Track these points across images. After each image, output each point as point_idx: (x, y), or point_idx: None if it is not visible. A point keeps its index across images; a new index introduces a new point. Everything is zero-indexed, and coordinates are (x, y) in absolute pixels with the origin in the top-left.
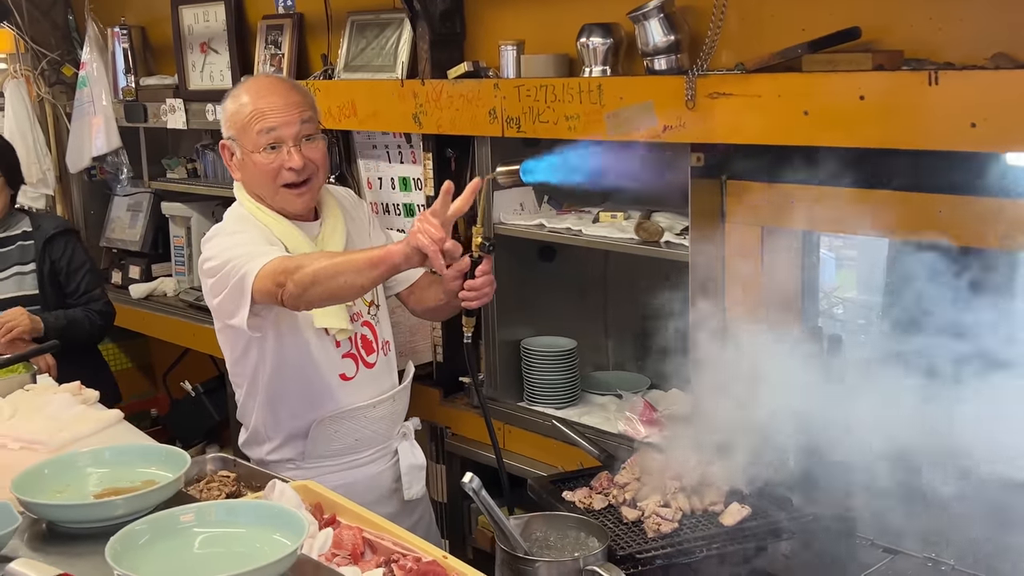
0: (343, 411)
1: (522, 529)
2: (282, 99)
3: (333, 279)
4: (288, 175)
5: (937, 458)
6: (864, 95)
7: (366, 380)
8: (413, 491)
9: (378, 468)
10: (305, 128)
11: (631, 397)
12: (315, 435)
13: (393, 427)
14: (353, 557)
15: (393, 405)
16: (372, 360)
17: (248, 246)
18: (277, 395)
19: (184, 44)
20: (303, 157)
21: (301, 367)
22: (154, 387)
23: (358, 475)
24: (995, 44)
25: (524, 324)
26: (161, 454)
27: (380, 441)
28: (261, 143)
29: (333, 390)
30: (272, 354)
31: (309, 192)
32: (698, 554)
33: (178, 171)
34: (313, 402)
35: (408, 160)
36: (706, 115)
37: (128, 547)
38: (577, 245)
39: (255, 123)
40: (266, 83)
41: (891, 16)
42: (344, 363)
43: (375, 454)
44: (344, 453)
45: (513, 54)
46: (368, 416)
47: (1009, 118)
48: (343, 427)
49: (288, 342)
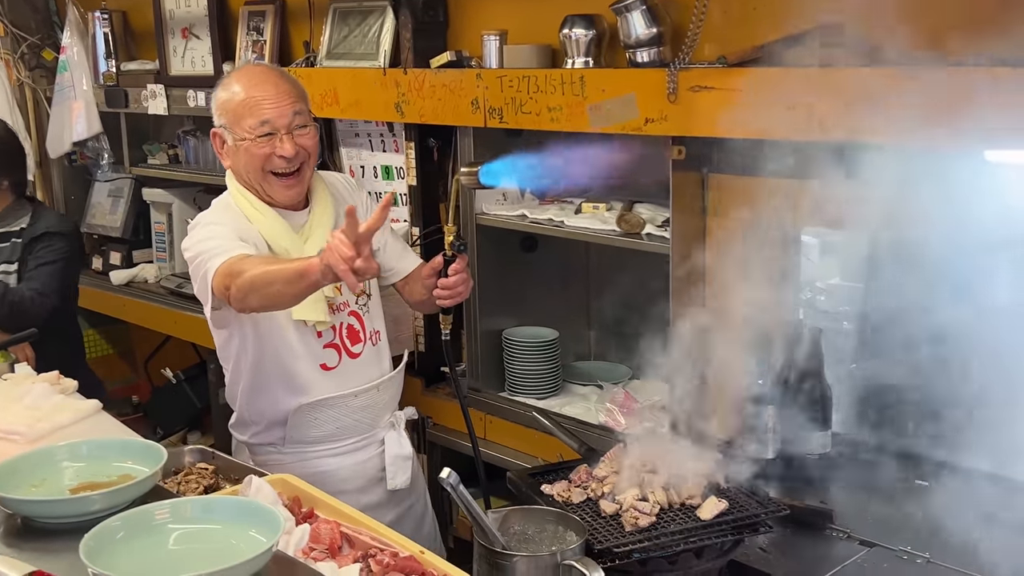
0: (323, 399)
1: (500, 523)
2: (274, 88)
3: (267, 287)
4: (279, 162)
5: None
6: (845, 90)
7: (352, 370)
8: (398, 481)
9: (364, 456)
10: (297, 118)
11: (612, 388)
12: (295, 422)
13: (379, 416)
14: (331, 551)
15: (378, 395)
16: (358, 350)
17: (217, 240)
18: (258, 382)
19: (165, 29)
20: (295, 145)
21: (281, 356)
22: (135, 374)
23: (342, 462)
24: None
25: (506, 314)
26: (138, 448)
27: (365, 430)
28: (254, 131)
29: (314, 380)
30: (253, 342)
31: (299, 184)
32: (675, 548)
33: (159, 157)
34: (294, 390)
35: (391, 149)
36: (688, 108)
37: (103, 544)
38: (559, 236)
39: (247, 111)
40: (259, 72)
41: (872, 11)
42: (326, 353)
43: (360, 442)
44: (325, 440)
45: (496, 44)
46: (349, 405)
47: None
48: (323, 415)
49: (268, 331)
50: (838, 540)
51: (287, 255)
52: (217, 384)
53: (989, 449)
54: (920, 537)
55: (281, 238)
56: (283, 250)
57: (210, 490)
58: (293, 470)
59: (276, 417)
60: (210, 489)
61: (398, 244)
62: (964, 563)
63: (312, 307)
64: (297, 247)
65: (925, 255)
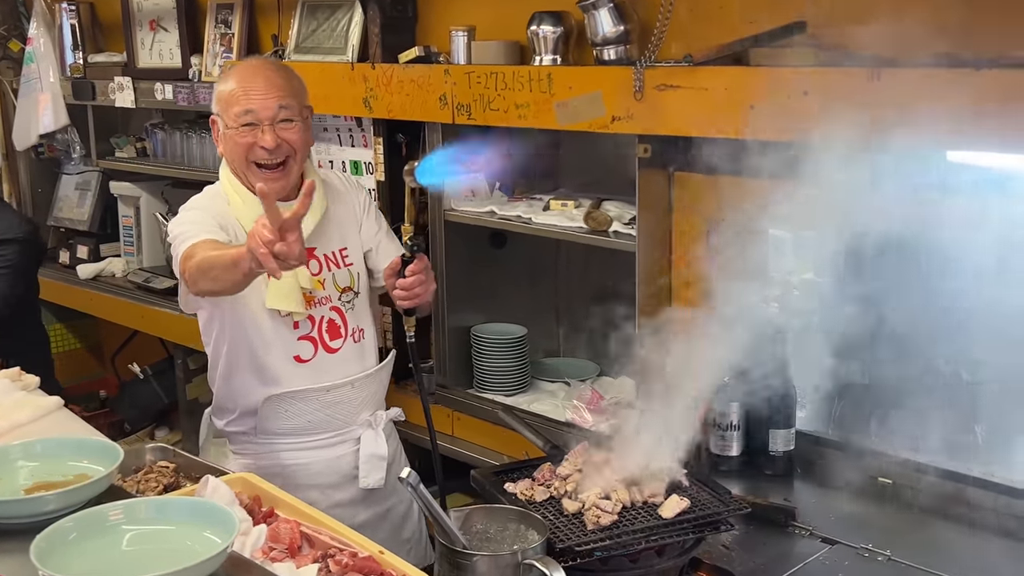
0: (293, 391)
1: (462, 522)
2: (264, 82)
3: (210, 271)
4: (261, 153)
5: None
6: (808, 90)
7: (328, 365)
8: (370, 480)
9: (338, 452)
10: (283, 112)
11: (579, 385)
12: (264, 412)
13: (356, 413)
14: (290, 551)
15: (352, 391)
16: (337, 346)
17: (191, 224)
18: (232, 369)
19: (133, 21)
20: (276, 138)
21: (253, 344)
22: (103, 368)
23: (315, 456)
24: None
25: (475, 311)
26: (95, 447)
27: (339, 426)
28: (238, 120)
29: (286, 371)
30: (229, 328)
31: (283, 177)
32: (636, 546)
33: (127, 150)
34: (265, 380)
35: (359, 144)
36: (654, 107)
37: (54, 545)
38: (527, 233)
39: (235, 101)
40: (254, 65)
41: (837, 11)
42: (300, 345)
43: (335, 438)
44: (296, 433)
45: (464, 40)
46: (321, 399)
47: (949, 116)
48: (293, 407)
49: (242, 318)
50: (800, 537)
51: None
52: (185, 379)
53: (951, 447)
54: (881, 535)
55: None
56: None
57: (170, 489)
58: (265, 461)
59: (248, 406)
60: (170, 488)
61: (392, 246)
62: (924, 561)
63: (285, 296)
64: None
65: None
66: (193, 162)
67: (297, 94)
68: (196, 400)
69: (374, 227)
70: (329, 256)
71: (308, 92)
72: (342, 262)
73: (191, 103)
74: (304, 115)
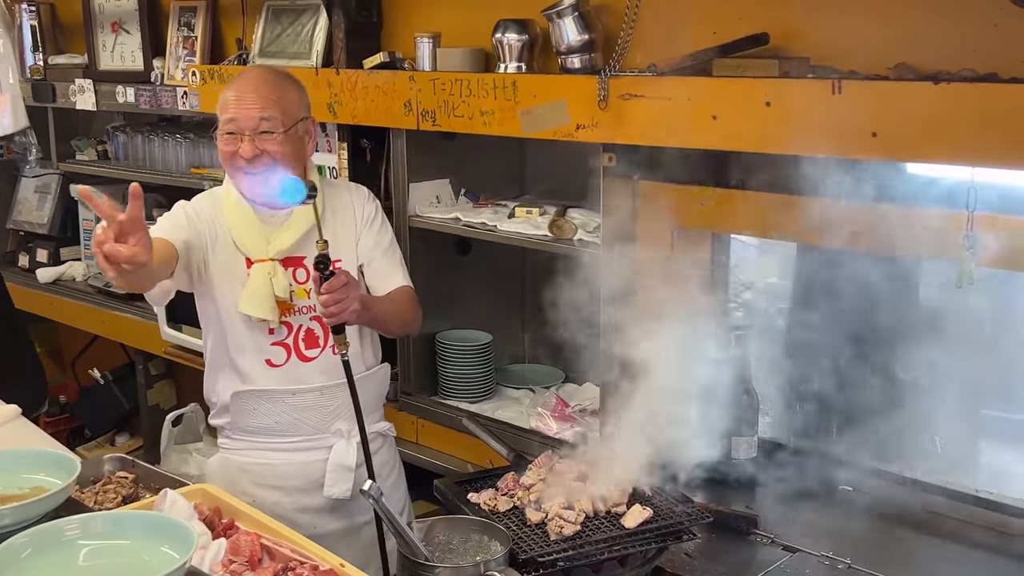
0: (258, 390)
1: (425, 532)
2: (252, 91)
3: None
4: (240, 162)
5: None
6: (770, 101)
7: (302, 373)
8: (335, 490)
9: (309, 458)
10: (264, 123)
11: (544, 392)
12: (234, 407)
13: (328, 421)
14: (250, 564)
15: (321, 398)
16: (312, 355)
17: (161, 222)
18: (214, 364)
19: (95, 23)
20: (254, 148)
21: (228, 343)
22: (62, 373)
23: (285, 458)
24: (899, 55)
25: (439, 317)
26: (51, 459)
27: (309, 431)
28: (223, 128)
29: (257, 373)
30: (213, 325)
31: (265, 184)
32: (599, 556)
33: (88, 153)
34: (242, 379)
35: (323, 149)
36: (618, 116)
37: (8, 562)
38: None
39: (225, 108)
40: (250, 74)
41: (799, 23)
42: (273, 350)
43: (305, 443)
44: (267, 432)
45: (429, 46)
46: (288, 402)
47: (908, 129)
48: (261, 407)
49: (224, 315)
50: (762, 545)
51: (245, 251)
52: (146, 385)
53: (911, 455)
54: (842, 543)
55: (244, 233)
56: (243, 245)
57: (129, 500)
58: (239, 456)
59: (225, 401)
60: (129, 499)
61: (387, 264)
62: (884, 569)
63: (257, 304)
64: (258, 244)
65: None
66: (155, 165)
67: (285, 105)
68: (157, 406)
69: (372, 242)
70: None
71: (305, 103)
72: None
73: (153, 106)
74: (291, 125)
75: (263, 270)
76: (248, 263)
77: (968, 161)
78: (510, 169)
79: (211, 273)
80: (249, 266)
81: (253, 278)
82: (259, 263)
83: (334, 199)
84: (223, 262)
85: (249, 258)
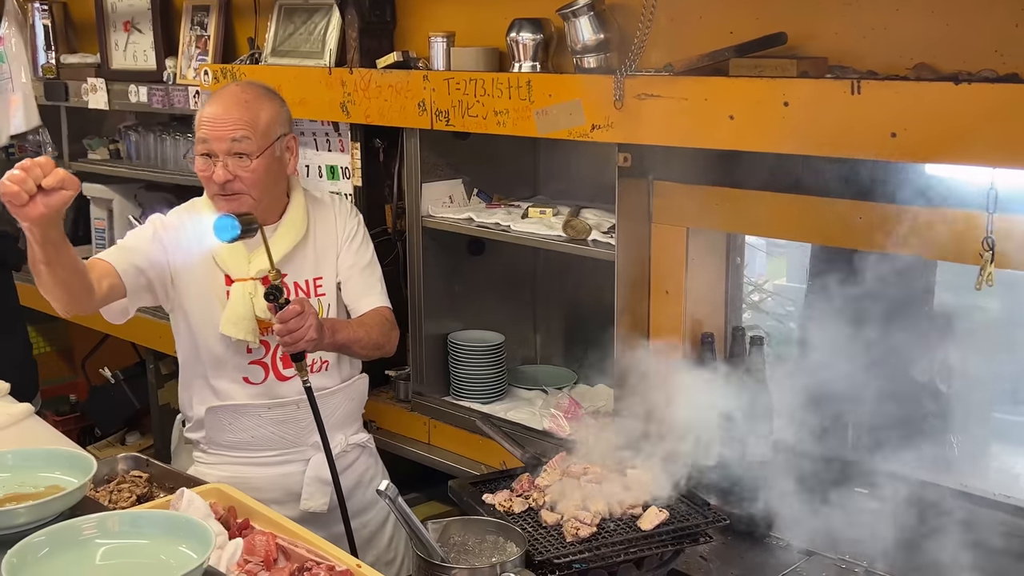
0: (233, 404)
1: (440, 533)
2: (224, 112)
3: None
4: (213, 186)
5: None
6: (788, 101)
7: (280, 390)
8: (312, 504)
9: (285, 471)
10: (236, 146)
11: (557, 393)
12: (209, 421)
13: (307, 434)
14: (266, 564)
15: (297, 411)
16: (290, 374)
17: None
18: (189, 378)
19: (107, 22)
20: (227, 173)
21: (203, 359)
22: (73, 372)
23: (262, 472)
24: (918, 54)
25: (452, 318)
26: (66, 458)
27: (286, 445)
28: (197, 149)
29: (234, 390)
30: (185, 340)
31: (239, 207)
32: (615, 559)
33: (100, 152)
34: (217, 396)
35: (336, 148)
36: (634, 116)
37: (26, 561)
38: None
39: (200, 127)
40: (228, 94)
41: (817, 23)
42: (251, 369)
43: (282, 456)
44: (243, 447)
45: (443, 46)
46: (263, 416)
47: (928, 130)
48: (237, 421)
49: (198, 335)
50: (778, 548)
51: (226, 268)
52: (156, 384)
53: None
54: (859, 546)
55: (225, 250)
56: (224, 262)
57: (143, 499)
58: (214, 471)
59: (200, 415)
60: (143, 498)
61: (363, 283)
62: (902, 572)
63: (236, 324)
64: (239, 263)
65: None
66: (167, 165)
67: (262, 127)
68: (168, 405)
69: (350, 259)
70: (300, 285)
71: (285, 120)
72: (313, 292)
73: (165, 105)
74: (266, 147)
75: (244, 289)
76: (228, 280)
77: (989, 162)
78: (523, 169)
79: (184, 289)
80: (229, 283)
81: (234, 298)
82: (239, 282)
83: (318, 215)
84: (200, 278)
85: (229, 275)
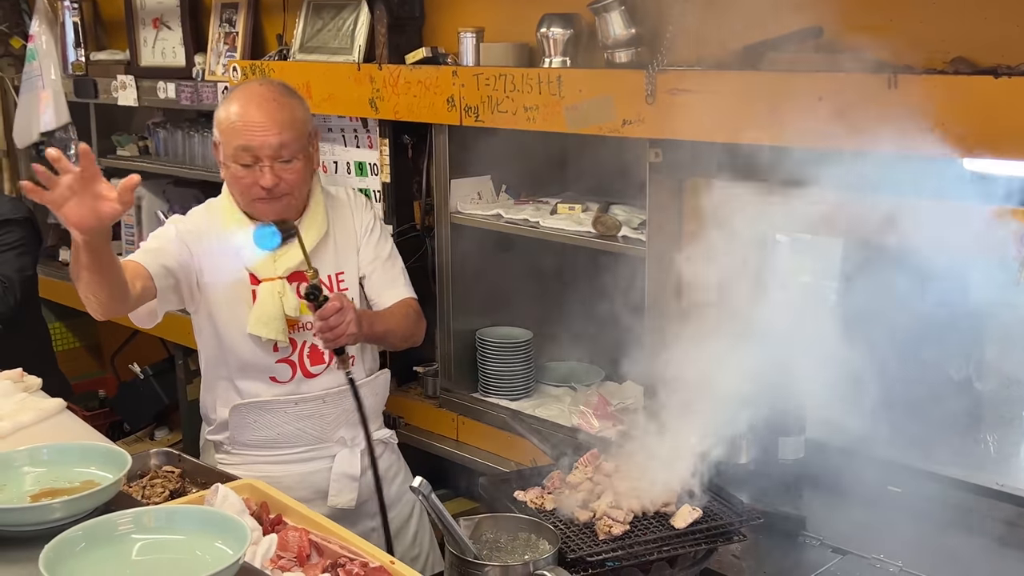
0: (259, 401)
1: (472, 530)
2: (265, 116)
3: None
4: (258, 191)
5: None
6: (823, 96)
7: (306, 388)
8: (340, 500)
9: (311, 468)
10: (284, 150)
11: (585, 390)
12: (234, 422)
13: (330, 429)
14: (299, 560)
15: (324, 406)
16: (317, 371)
17: (148, 241)
18: (212, 380)
19: (136, 19)
20: (275, 177)
21: (229, 360)
22: (102, 368)
23: (288, 470)
24: (954, 48)
25: (480, 314)
26: (101, 453)
27: (312, 441)
28: (237, 158)
29: (260, 390)
30: (210, 342)
31: (281, 208)
32: (648, 557)
33: (129, 148)
34: (242, 395)
35: (364, 145)
36: (665, 111)
37: (63, 555)
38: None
39: (235, 136)
40: (257, 95)
41: (852, 17)
42: (279, 368)
43: (307, 453)
44: (268, 445)
45: (472, 41)
46: (290, 412)
47: (968, 123)
48: (262, 419)
49: (223, 332)
50: (811, 547)
51: (252, 269)
52: (185, 380)
53: (962, 456)
54: (893, 545)
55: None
56: (249, 262)
57: (176, 494)
58: (238, 472)
59: (223, 417)
60: (176, 494)
61: (386, 276)
62: (937, 571)
63: (266, 324)
64: (265, 262)
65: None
66: (195, 161)
67: (299, 126)
68: (196, 401)
69: (371, 254)
70: (323, 281)
71: (310, 116)
72: (336, 287)
73: (194, 102)
74: (306, 146)
75: (272, 289)
76: (253, 280)
77: None
78: (551, 165)
79: (209, 290)
80: (254, 283)
81: (262, 298)
82: (267, 282)
83: (335, 210)
84: (225, 279)
85: (255, 275)
